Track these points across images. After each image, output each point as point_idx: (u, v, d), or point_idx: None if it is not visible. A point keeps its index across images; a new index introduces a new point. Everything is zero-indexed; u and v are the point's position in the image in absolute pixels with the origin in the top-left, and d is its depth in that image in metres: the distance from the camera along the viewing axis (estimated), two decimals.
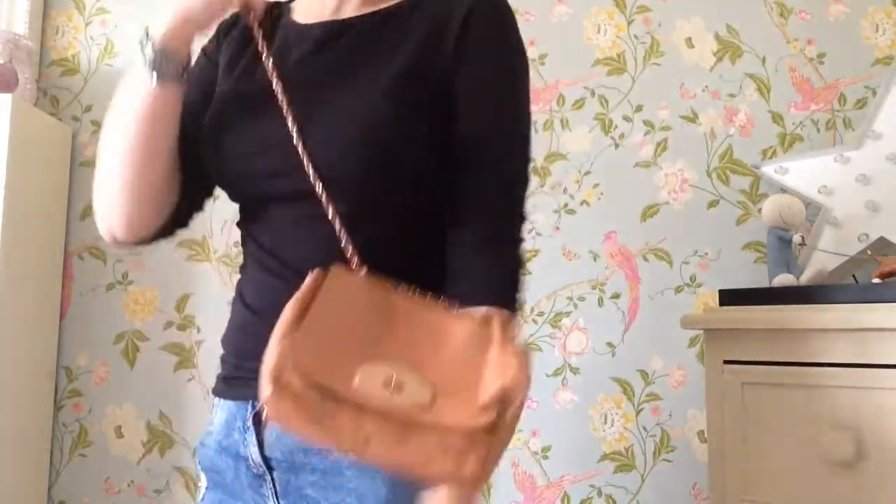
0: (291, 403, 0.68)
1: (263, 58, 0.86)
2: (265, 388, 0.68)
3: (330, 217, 0.79)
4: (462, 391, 0.70)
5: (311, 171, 0.79)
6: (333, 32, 0.87)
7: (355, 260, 0.78)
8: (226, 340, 0.91)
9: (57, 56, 1.85)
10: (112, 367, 1.76)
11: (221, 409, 0.88)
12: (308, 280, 0.74)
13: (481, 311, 0.77)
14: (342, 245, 0.78)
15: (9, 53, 1.68)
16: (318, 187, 0.79)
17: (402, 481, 0.76)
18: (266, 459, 0.82)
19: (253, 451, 0.83)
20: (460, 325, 0.75)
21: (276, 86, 0.83)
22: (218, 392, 0.90)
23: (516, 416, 0.71)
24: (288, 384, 0.67)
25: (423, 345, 0.74)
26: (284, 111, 0.81)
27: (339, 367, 0.69)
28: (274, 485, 0.82)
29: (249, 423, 0.83)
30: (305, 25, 0.90)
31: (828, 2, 1.76)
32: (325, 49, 0.87)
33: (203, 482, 0.90)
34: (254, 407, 0.83)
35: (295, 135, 0.80)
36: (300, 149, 0.79)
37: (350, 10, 0.89)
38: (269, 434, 0.82)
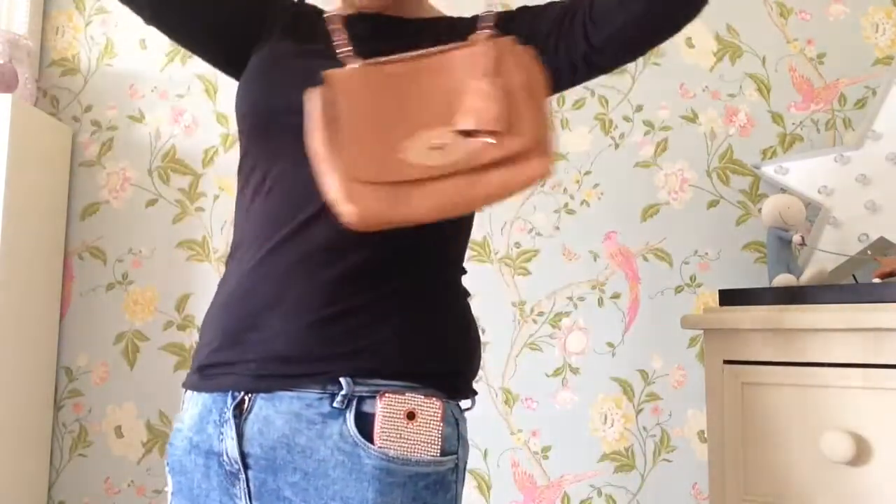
0: (374, 205, 0.71)
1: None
2: (346, 212, 0.71)
3: None
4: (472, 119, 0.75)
5: None
6: (402, 27, 0.93)
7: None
8: (206, 325, 0.87)
9: (57, 56, 1.85)
10: (112, 367, 1.76)
11: (194, 404, 0.85)
12: (314, 98, 0.76)
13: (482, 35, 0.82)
14: None
15: (9, 53, 1.68)
16: None
17: (391, 484, 0.75)
18: (243, 456, 0.79)
19: (230, 446, 0.79)
20: (459, 53, 0.79)
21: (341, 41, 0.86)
22: (191, 385, 0.86)
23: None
24: (360, 196, 0.71)
25: (437, 94, 0.78)
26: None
27: (388, 157, 0.73)
28: (247, 484, 0.79)
29: (229, 414, 0.80)
30: (370, 14, 0.93)
31: (828, 2, 1.76)
32: (396, 38, 0.90)
33: (169, 486, 0.86)
34: (234, 398, 0.80)
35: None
36: None
37: (407, 12, 0.94)
38: (251, 426, 0.79)
